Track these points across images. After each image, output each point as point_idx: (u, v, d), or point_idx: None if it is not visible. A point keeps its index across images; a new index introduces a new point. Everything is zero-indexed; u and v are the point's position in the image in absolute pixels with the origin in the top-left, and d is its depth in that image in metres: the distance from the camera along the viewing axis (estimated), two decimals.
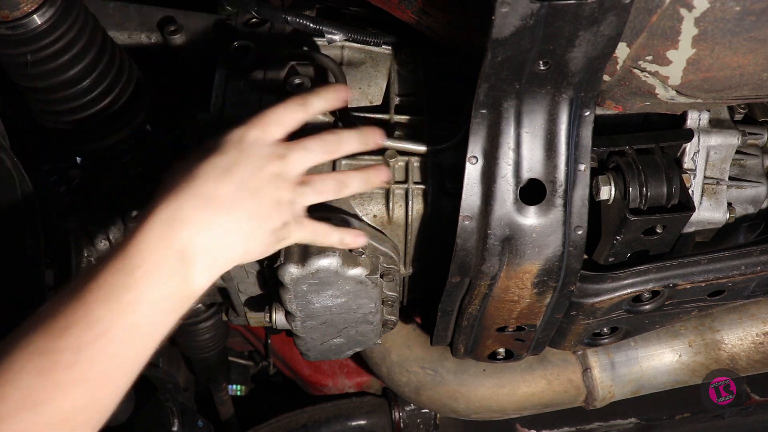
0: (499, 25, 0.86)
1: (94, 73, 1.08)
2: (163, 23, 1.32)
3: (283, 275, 1.13)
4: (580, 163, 1.03)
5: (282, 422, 1.91)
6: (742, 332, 1.61)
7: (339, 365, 2.08)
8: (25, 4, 0.97)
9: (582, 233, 1.06)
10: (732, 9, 0.87)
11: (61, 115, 1.11)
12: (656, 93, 1.05)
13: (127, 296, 0.80)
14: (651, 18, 0.91)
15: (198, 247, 0.84)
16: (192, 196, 0.85)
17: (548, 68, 0.94)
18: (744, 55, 0.94)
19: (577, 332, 1.29)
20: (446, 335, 1.33)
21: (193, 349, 1.83)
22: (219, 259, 0.87)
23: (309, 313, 1.23)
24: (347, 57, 1.27)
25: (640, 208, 1.12)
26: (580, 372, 1.67)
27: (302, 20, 1.20)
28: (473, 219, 1.04)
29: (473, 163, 1.02)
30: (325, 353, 1.40)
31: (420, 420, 1.92)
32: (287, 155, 0.93)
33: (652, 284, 1.18)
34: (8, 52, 1.01)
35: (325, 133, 0.98)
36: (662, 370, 1.64)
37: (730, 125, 1.29)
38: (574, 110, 1.01)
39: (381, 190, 1.17)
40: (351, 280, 1.15)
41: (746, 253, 1.20)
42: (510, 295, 1.13)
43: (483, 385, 1.67)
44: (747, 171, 1.37)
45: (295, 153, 0.93)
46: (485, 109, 0.99)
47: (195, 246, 0.84)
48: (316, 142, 0.96)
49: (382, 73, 1.26)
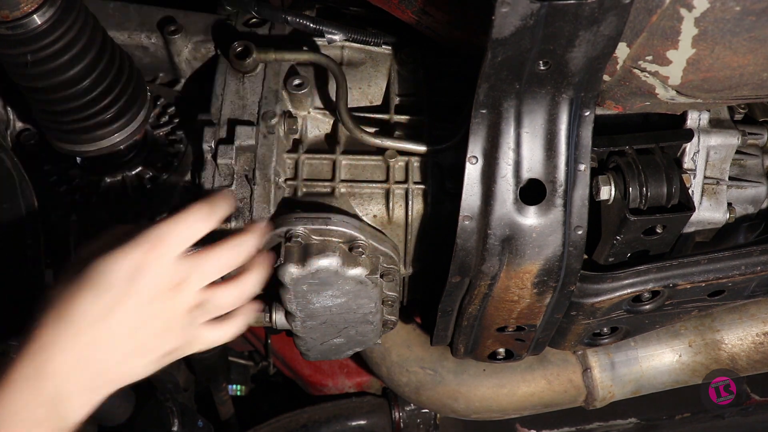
0: (499, 25, 0.86)
1: (94, 73, 1.08)
2: (163, 23, 1.31)
3: (283, 275, 1.13)
4: (580, 163, 1.03)
5: (282, 422, 1.91)
6: (742, 332, 1.61)
7: (339, 365, 2.07)
8: (25, 4, 0.96)
9: (582, 233, 1.06)
10: (732, 9, 0.87)
11: (61, 115, 1.11)
12: (656, 93, 1.05)
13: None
14: (651, 18, 0.91)
15: (71, 390, 0.83)
16: (66, 339, 0.83)
17: (548, 68, 0.94)
18: (744, 55, 0.94)
19: (577, 332, 1.29)
20: (446, 335, 1.33)
21: None
22: (96, 392, 0.87)
23: (309, 313, 1.23)
24: (347, 57, 1.27)
25: (640, 208, 1.12)
26: (580, 372, 1.67)
27: (302, 20, 1.20)
28: (473, 219, 1.04)
29: (473, 163, 1.02)
30: (325, 353, 1.40)
31: (420, 420, 1.92)
32: (182, 285, 0.88)
33: (652, 284, 1.18)
34: (8, 52, 1.01)
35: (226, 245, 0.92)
36: (662, 370, 1.64)
37: (730, 125, 1.29)
38: (574, 110, 1.01)
39: (381, 190, 1.17)
40: (351, 280, 1.15)
41: (746, 253, 1.20)
42: (510, 295, 1.13)
43: (483, 385, 1.67)
44: (747, 171, 1.37)
45: (191, 281, 0.88)
46: (485, 109, 0.99)
47: (67, 391, 0.83)
48: (216, 260, 0.90)
49: (382, 73, 1.26)
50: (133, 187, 1.27)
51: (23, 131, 1.32)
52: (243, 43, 1.19)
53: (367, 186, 1.16)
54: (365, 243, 1.14)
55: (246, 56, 1.18)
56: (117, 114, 1.15)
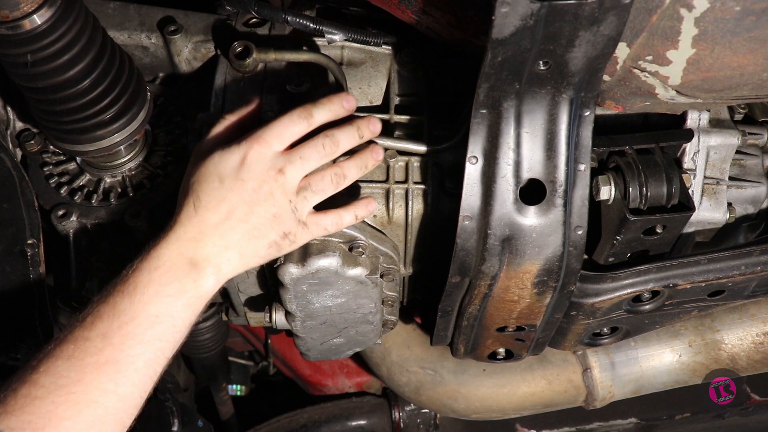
0: (499, 25, 0.86)
1: (94, 74, 1.08)
2: (163, 23, 1.32)
3: (283, 275, 1.13)
4: (580, 163, 1.03)
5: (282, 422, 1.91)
6: (742, 332, 1.61)
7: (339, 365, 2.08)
8: (25, 4, 0.96)
9: (582, 233, 1.06)
10: (732, 9, 0.87)
11: (61, 115, 1.11)
12: (656, 93, 1.05)
13: (149, 290, 0.94)
14: (651, 18, 0.91)
15: (203, 258, 0.98)
16: (195, 223, 0.98)
17: (548, 68, 0.94)
18: (744, 55, 0.94)
19: (577, 332, 1.29)
20: (446, 335, 1.33)
21: (193, 349, 1.83)
22: (222, 269, 1.00)
23: (309, 313, 1.23)
24: (347, 57, 1.27)
25: (640, 208, 1.12)
26: (580, 372, 1.67)
27: (302, 20, 1.20)
28: (473, 219, 1.04)
29: (473, 163, 1.02)
30: (325, 353, 1.40)
31: (420, 420, 1.92)
32: (285, 169, 1.00)
33: (652, 284, 1.18)
34: (8, 52, 1.01)
35: (320, 137, 1.04)
36: (662, 370, 1.64)
37: (730, 125, 1.29)
38: (574, 110, 1.01)
39: (381, 190, 1.17)
40: (351, 280, 1.15)
41: (746, 253, 1.20)
42: (510, 295, 1.13)
43: (483, 385, 1.67)
44: (747, 171, 1.37)
45: (292, 165, 1.01)
46: (485, 109, 0.99)
47: (201, 258, 0.98)
48: (313, 148, 1.02)
49: (382, 73, 1.25)
50: (133, 186, 1.27)
51: (23, 131, 1.32)
52: (243, 43, 1.19)
53: (367, 186, 1.16)
54: (365, 243, 1.14)
55: (246, 56, 1.18)
56: (117, 114, 1.15)
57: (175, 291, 0.95)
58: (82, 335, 0.90)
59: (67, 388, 0.87)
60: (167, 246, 0.97)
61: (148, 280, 0.94)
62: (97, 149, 1.17)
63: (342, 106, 1.06)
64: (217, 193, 0.99)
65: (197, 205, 0.99)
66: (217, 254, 0.99)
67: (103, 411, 0.89)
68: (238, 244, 1.00)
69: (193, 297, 0.97)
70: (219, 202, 0.99)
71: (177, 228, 0.98)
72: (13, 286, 1.16)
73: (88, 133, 1.14)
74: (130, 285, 0.94)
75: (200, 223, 0.98)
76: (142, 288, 0.93)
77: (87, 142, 1.15)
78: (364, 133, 1.08)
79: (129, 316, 0.92)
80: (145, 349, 0.92)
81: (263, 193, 1.00)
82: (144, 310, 0.93)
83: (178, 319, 0.96)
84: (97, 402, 0.88)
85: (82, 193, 1.27)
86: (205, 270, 0.98)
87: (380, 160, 1.10)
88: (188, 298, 0.97)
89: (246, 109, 1.10)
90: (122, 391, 0.91)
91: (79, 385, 0.87)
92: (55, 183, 1.28)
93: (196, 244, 0.98)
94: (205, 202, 0.99)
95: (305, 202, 1.03)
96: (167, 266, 0.95)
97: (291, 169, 1.01)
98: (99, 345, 0.90)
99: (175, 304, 0.95)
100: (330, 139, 1.03)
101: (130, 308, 0.92)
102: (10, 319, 1.16)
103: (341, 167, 1.06)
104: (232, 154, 1.00)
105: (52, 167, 1.30)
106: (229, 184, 0.99)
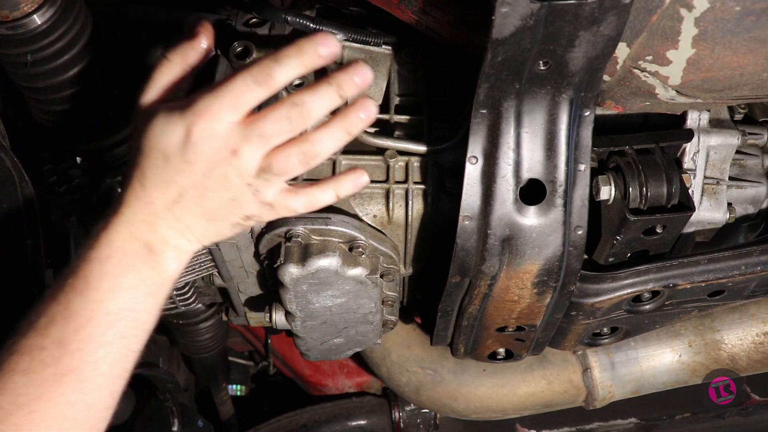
0: (499, 25, 0.86)
1: (94, 74, 1.08)
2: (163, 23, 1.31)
3: (283, 275, 1.13)
4: (580, 163, 1.03)
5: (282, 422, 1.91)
6: (742, 332, 1.61)
7: (339, 365, 2.08)
8: (25, 4, 0.96)
9: (582, 233, 1.06)
10: (732, 9, 0.87)
11: (61, 115, 1.11)
12: (656, 93, 1.05)
13: (103, 284, 0.83)
14: (651, 18, 0.91)
15: (159, 242, 0.87)
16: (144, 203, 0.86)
17: (548, 68, 0.94)
18: (744, 55, 0.94)
19: (577, 332, 1.29)
20: (446, 335, 1.33)
21: (193, 349, 1.83)
22: (183, 248, 0.90)
23: (309, 313, 1.23)
24: (347, 57, 1.27)
25: (640, 208, 1.12)
26: (580, 372, 1.67)
27: (302, 20, 1.20)
28: (473, 219, 1.04)
29: (473, 163, 1.02)
30: (325, 353, 1.40)
31: (420, 420, 1.92)
32: (240, 149, 0.83)
33: (652, 284, 1.18)
34: (8, 52, 1.01)
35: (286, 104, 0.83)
36: (662, 370, 1.64)
37: (730, 125, 1.29)
38: (574, 110, 1.01)
39: (381, 190, 1.17)
40: (351, 280, 1.15)
41: (746, 253, 1.20)
42: (510, 295, 1.13)
43: (483, 385, 1.67)
44: (747, 171, 1.37)
45: (249, 145, 0.83)
46: (485, 109, 0.99)
47: (156, 241, 0.87)
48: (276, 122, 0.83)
49: (382, 73, 1.25)
50: None
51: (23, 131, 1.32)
52: (243, 43, 1.19)
53: (367, 186, 1.16)
54: (365, 243, 1.14)
55: (246, 56, 1.18)
56: (117, 114, 1.15)
57: (133, 282, 0.85)
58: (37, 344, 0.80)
59: (28, 407, 0.78)
60: (116, 230, 0.85)
61: (100, 273, 0.83)
62: (97, 149, 1.17)
63: (318, 54, 0.81)
64: (163, 172, 0.84)
65: (143, 182, 0.85)
66: (175, 236, 0.88)
67: (71, 423, 0.81)
68: (196, 225, 0.88)
69: (155, 285, 0.87)
70: (166, 183, 0.85)
71: (124, 210, 0.86)
72: (13, 286, 1.16)
73: (88, 133, 1.14)
74: (81, 280, 0.83)
75: (150, 204, 0.86)
76: (96, 283, 0.83)
77: (86, 142, 1.15)
78: (346, 89, 0.84)
79: (84, 318, 0.82)
80: (107, 351, 0.83)
81: (216, 177, 0.84)
82: (100, 308, 0.82)
83: (141, 311, 0.86)
84: (64, 416, 0.80)
85: (82, 193, 1.27)
86: (164, 254, 0.87)
87: (371, 118, 0.87)
88: (149, 287, 0.86)
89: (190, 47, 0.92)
90: (89, 399, 0.82)
91: (41, 402, 0.79)
92: (54, 183, 1.28)
93: (148, 226, 0.86)
94: (152, 181, 0.85)
95: (267, 184, 0.87)
96: (120, 254, 0.84)
97: (247, 150, 0.82)
98: (56, 354, 0.80)
99: (135, 296, 0.85)
100: (298, 109, 0.83)
101: (84, 308, 0.82)
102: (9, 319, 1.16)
103: (312, 142, 0.85)
104: (174, 126, 0.82)
105: (52, 167, 1.30)
106: (175, 164, 0.83)
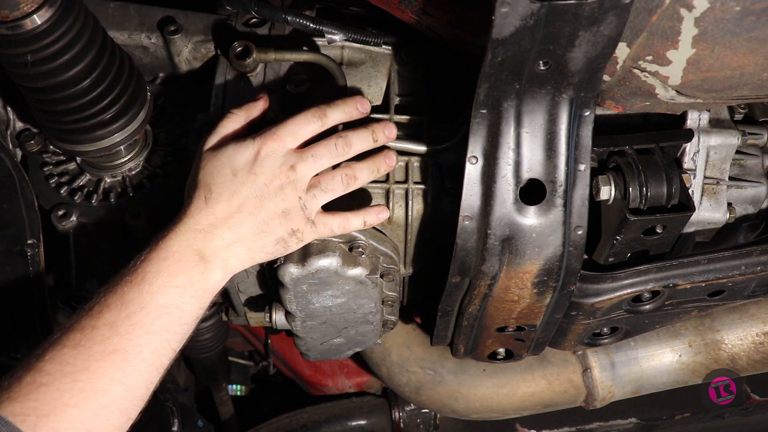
0: (499, 25, 0.86)
1: (94, 73, 1.08)
2: (163, 23, 1.31)
3: (283, 275, 1.13)
4: (580, 163, 1.03)
5: (282, 422, 1.91)
6: (742, 332, 1.61)
7: (339, 365, 2.08)
8: (25, 4, 0.96)
9: (582, 233, 1.06)
10: (732, 9, 0.87)
11: (60, 115, 1.11)
12: (656, 93, 1.05)
13: (158, 280, 0.94)
14: (651, 18, 0.91)
15: (211, 251, 0.99)
16: (206, 215, 1.00)
17: (548, 68, 0.94)
18: (744, 55, 0.94)
19: (577, 332, 1.29)
20: (446, 335, 1.33)
21: (193, 349, 1.83)
22: (229, 263, 1.01)
23: (309, 313, 1.23)
24: (347, 57, 1.27)
25: (640, 208, 1.12)
26: (580, 372, 1.67)
27: (302, 20, 1.20)
28: (473, 219, 1.04)
29: (473, 163, 1.02)
30: (325, 353, 1.40)
31: (420, 420, 1.92)
32: (297, 165, 1.02)
33: (652, 284, 1.18)
34: (8, 52, 1.01)
35: (334, 137, 1.05)
36: (662, 370, 1.64)
37: (730, 125, 1.29)
38: (574, 110, 1.01)
39: (381, 190, 1.17)
40: (351, 280, 1.15)
41: (746, 253, 1.20)
42: (510, 295, 1.13)
43: (483, 385, 1.67)
44: (747, 171, 1.37)
45: (304, 163, 1.02)
46: (485, 109, 0.99)
47: (209, 251, 0.99)
48: (326, 148, 1.04)
49: (382, 73, 1.25)
50: (133, 186, 1.27)
51: (23, 131, 1.32)
52: (243, 43, 1.19)
53: (368, 186, 1.16)
54: (365, 243, 1.14)
55: (246, 56, 1.18)
56: (117, 114, 1.15)
57: (184, 282, 0.96)
58: (89, 324, 0.90)
59: (72, 376, 0.86)
60: (176, 237, 0.97)
61: (156, 271, 0.95)
62: (97, 149, 1.17)
63: (356, 108, 1.08)
64: (229, 186, 1.00)
65: (208, 197, 1.00)
66: (225, 247, 1.00)
67: (109, 400, 0.88)
68: (247, 238, 1.01)
69: (201, 289, 0.98)
70: (231, 194, 1.00)
71: (187, 220, 0.99)
72: (13, 286, 1.16)
73: (88, 133, 1.14)
74: (138, 275, 0.94)
75: (210, 215, 0.99)
76: (151, 278, 0.94)
77: (87, 142, 1.15)
78: (378, 136, 1.08)
79: (137, 306, 0.92)
80: (152, 339, 0.93)
81: (274, 187, 1.01)
82: (152, 300, 0.93)
83: (186, 311, 0.96)
84: (103, 390, 0.88)
85: (82, 193, 1.27)
86: (213, 263, 0.99)
87: (393, 166, 1.11)
88: (196, 290, 0.97)
89: (253, 106, 1.11)
90: (129, 381, 0.91)
91: (85, 373, 0.87)
92: (55, 183, 1.28)
93: (205, 236, 0.98)
94: (216, 194, 1.00)
95: (314, 200, 1.04)
96: (176, 257, 0.96)
97: (303, 167, 1.02)
98: (106, 334, 0.90)
99: (182, 296, 0.96)
100: (343, 140, 1.05)
101: (138, 298, 0.93)
102: (9, 319, 1.16)
103: (353, 168, 1.07)
104: (246, 148, 1.01)
105: (52, 167, 1.30)
106: (241, 177, 1.00)
